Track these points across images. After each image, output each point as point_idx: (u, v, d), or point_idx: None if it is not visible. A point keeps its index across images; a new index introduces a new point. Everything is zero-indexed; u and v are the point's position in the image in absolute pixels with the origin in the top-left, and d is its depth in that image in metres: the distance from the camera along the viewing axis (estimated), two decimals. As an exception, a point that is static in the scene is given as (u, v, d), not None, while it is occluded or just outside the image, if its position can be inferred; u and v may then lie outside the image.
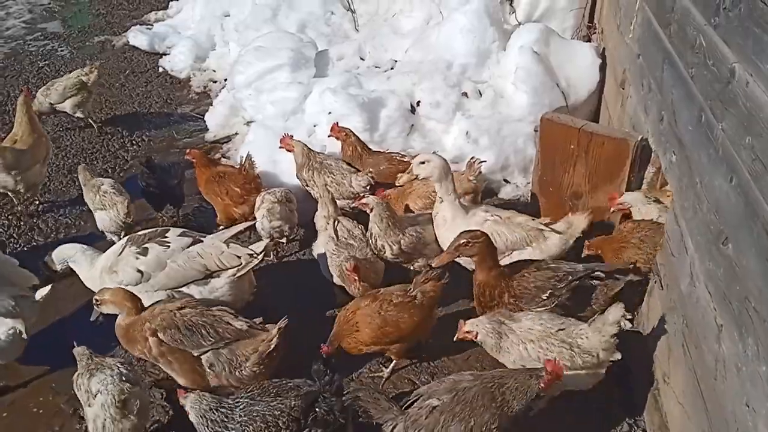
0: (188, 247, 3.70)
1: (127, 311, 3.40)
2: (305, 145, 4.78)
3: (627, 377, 3.57)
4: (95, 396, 3.04)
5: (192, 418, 3.05)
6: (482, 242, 3.33)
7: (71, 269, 3.88)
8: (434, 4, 6.38)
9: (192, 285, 3.67)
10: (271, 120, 5.72)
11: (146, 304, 3.59)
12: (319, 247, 4.15)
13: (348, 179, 4.60)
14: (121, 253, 3.70)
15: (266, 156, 5.11)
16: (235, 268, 3.66)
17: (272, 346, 3.27)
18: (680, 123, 3.09)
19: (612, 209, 3.91)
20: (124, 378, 3.08)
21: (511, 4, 6.06)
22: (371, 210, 3.91)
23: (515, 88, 5.30)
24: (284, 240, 4.60)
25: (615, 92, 4.81)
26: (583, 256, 3.85)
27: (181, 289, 3.67)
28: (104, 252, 3.83)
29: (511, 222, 3.95)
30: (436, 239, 3.98)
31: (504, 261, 3.71)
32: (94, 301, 3.43)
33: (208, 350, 3.28)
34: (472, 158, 4.58)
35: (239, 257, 3.67)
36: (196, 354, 3.28)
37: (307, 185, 4.73)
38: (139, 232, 3.85)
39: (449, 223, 3.89)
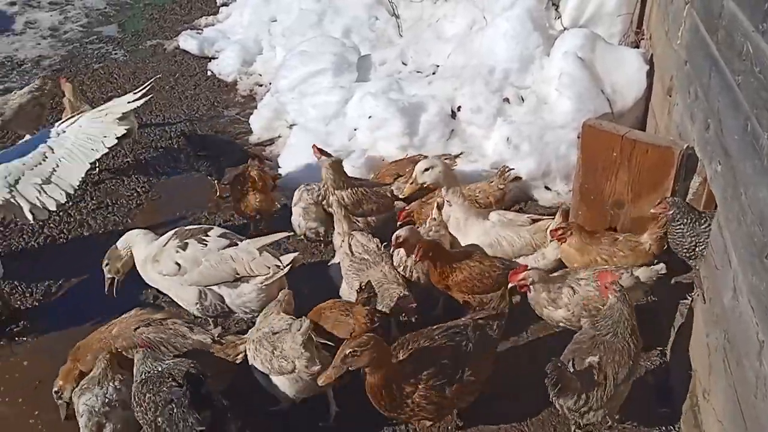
0: (224, 248, 3.76)
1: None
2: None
3: (666, 392, 3.48)
4: (81, 416, 3.14)
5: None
6: (371, 348, 2.85)
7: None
8: (478, 9, 6.35)
9: (223, 286, 3.74)
10: (313, 123, 5.79)
11: (181, 294, 3.76)
12: (336, 264, 4.08)
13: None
14: (166, 244, 3.81)
15: (307, 158, 5.17)
16: (263, 277, 3.70)
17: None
18: (726, 132, 2.99)
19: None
20: (107, 401, 3.13)
21: (556, 10, 5.99)
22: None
23: (559, 93, 5.23)
24: (321, 241, 4.64)
25: (662, 100, 4.69)
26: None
27: (212, 289, 3.73)
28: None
29: (518, 225, 4.05)
30: None
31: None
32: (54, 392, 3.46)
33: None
34: (503, 167, 4.66)
35: (268, 267, 3.71)
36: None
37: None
38: (187, 227, 3.95)
39: (462, 224, 4.00)
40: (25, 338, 4.13)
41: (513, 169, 4.72)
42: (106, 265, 3.90)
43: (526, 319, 3.89)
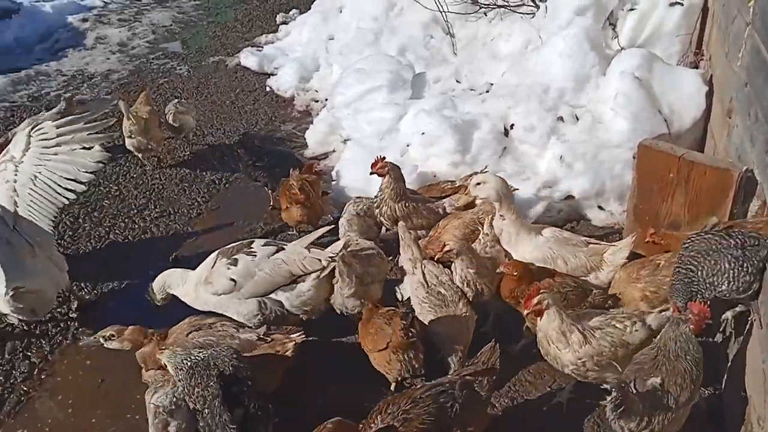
0: (272, 255, 3.87)
1: (145, 344, 3.64)
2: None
3: (720, 417, 3.40)
4: (150, 413, 3.25)
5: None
6: None
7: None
8: (533, 28, 6.39)
9: (279, 291, 3.84)
10: (366, 139, 5.92)
11: (240, 309, 3.83)
12: (405, 290, 4.06)
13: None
14: (213, 265, 3.92)
15: (361, 173, 5.28)
16: (318, 271, 3.80)
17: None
18: (787, 154, 2.95)
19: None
20: (175, 399, 3.22)
21: (613, 29, 5.98)
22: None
23: (614, 113, 5.20)
24: None
25: (721, 121, 4.62)
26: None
27: (271, 296, 3.84)
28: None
29: (574, 245, 4.02)
30: None
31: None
32: (105, 335, 3.65)
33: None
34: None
35: (320, 260, 3.81)
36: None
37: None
38: (228, 246, 4.05)
39: (514, 239, 4.02)
40: (88, 337, 4.31)
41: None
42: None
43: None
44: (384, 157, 4.67)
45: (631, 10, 5.89)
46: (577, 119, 5.44)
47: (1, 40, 9.31)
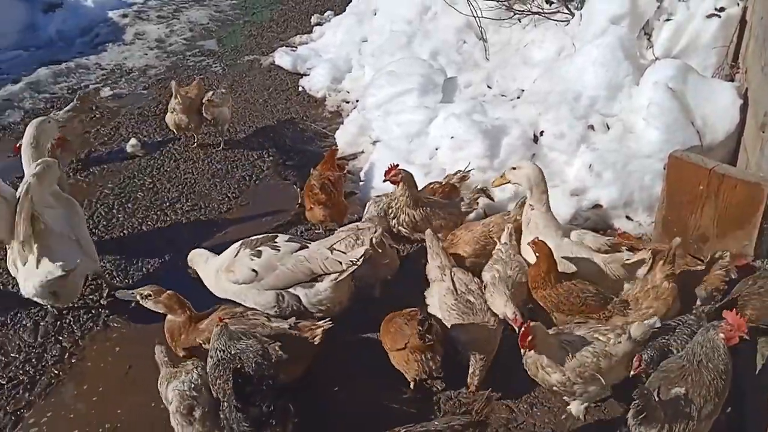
0: (296, 251, 3.97)
1: (176, 314, 3.76)
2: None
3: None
4: (170, 403, 3.34)
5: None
6: None
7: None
8: (567, 36, 6.38)
9: (298, 287, 3.93)
10: (396, 141, 5.97)
11: (258, 299, 3.93)
12: (432, 297, 4.01)
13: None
14: (236, 255, 4.03)
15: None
16: (337, 273, 3.89)
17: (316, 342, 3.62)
18: (820, 170, 2.92)
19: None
20: (193, 385, 3.32)
21: (649, 39, 5.94)
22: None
23: (646, 123, 5.17)
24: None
25: (755, 135, 4.56)
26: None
27: (289, 290, 3.93)
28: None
29: (592, 250, 4.01)
30: None
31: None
32: (143, 293, 3.79)
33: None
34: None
35: (341, 263, 3.89)
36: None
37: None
38: (253, 237, 4.16)
39: (540, 231, 3.99)
40: (118, 325, 4.45)
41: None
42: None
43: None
44: (397, 165, 4.65)
45: (668, 20, 5.85)
46: (608, 128, 5.42)
47: (43, 33, 9.58)
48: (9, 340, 4.33)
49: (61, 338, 4.34)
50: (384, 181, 4.67)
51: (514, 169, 4.12)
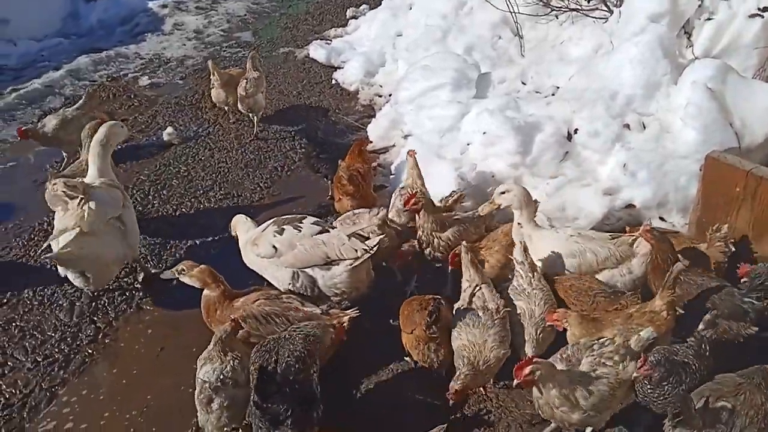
0: (317, 234, 4.05)
1: (210, 288, 3.83)
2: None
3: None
4: (198, 386, 3.39)
5: None
6: None
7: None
8: (605, 33, 6.29)
9: (316, 268, 4.01)
10: (427, 135, 5.97)
11: (276, 275, 4.04)
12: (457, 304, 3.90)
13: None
14: (265, 229, 4.17)
15: (420, 169, 5.32)
16: (352, 260, 3.94)
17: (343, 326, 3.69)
18: None
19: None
20: (222, 377, 3.32)
21: (689, 38, 5.84)
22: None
23: (683, 123, 5.09)
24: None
25: (796, 137, 4.46)
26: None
27: (306, 271, 4.01)
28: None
29: (600, 238, 4.02)
30: None
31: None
32: (178, 269, 3.90)
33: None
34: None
35: (356, 250, 3.96)
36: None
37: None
38: (284, 216, 4.27)
39: (534, 239, 4.06)
40: (150, 308, 4.55)
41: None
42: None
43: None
44: (415, 193, 4.53)
45: (709, 19, 5.74)
46: (644, 127, 5.35)
47: (85, 22, 9.83)
48: (45, 318, 4.46)
49: (95, 319, 4.46)
50: (404, 211, 4.61)
51: (503, 193, 4.18)
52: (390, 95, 7.17)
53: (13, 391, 3.92)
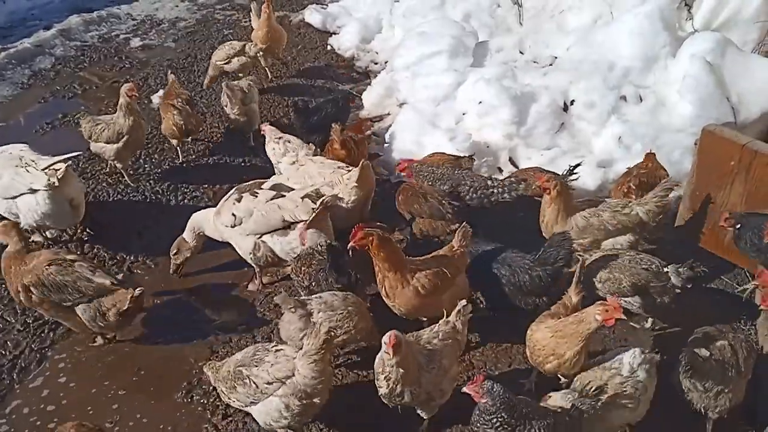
0: (272, 199, 4.06)
1: (12, 243, 3.75)
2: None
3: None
4: None
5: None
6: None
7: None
8: (606, 3, 6.22)
9: (275, 235, 4.05)
10: (422, 104, 5.91)
11: (240, 244, 4.11)
12: None
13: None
14: (227, 198, 4.19)
15: (413, 137, 5.31)
16: (304, 221, 3.97)
17: (126, 306, 3.65)
18: None
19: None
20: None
21: (689, 11, 5.78)
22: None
23: (680, 97, 5.07)
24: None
25: (793, 112, 4.45)
26: None
27: (265, 241, 4.06)
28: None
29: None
30: None
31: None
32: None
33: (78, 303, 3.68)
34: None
35: (309, 211, 3.97)
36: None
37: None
38: (245, 183, 4.29)
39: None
40: (141, 272, 4.53)
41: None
42: (175, 254, 4.32)
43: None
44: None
45: (709, -9, 5.67)
46: (641, 100, 5.32)
47: (76, -19, 9.59)
48: (35, 280, 4.43)
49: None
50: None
51: None
52: (386, 63, 7.08)
53: (3, 352, 3.91)
